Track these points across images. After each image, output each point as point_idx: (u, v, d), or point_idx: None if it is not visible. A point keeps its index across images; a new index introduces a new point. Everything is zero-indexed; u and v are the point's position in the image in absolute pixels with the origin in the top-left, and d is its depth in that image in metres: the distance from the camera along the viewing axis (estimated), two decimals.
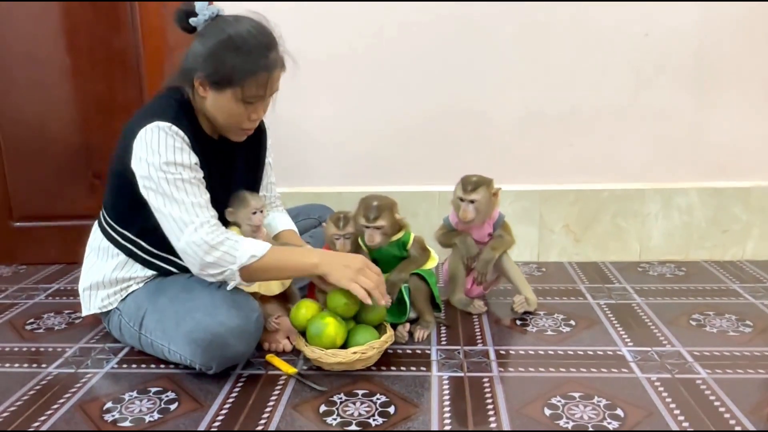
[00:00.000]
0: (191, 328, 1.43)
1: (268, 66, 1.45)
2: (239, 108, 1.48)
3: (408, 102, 2.24)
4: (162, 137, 1.44)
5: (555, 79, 2.20)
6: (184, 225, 1.43)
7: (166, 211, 1.44)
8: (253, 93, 1.46)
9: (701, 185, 2.24)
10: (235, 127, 1.53)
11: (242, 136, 1.58)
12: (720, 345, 1.60)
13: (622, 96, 2.20)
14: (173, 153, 1.44)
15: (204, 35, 1.46)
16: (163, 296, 1.53)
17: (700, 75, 2.17)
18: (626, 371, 1.47)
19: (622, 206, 2.26)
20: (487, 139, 2.26)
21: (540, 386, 1.41)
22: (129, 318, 1.57)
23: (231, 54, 1.43)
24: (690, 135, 2.22)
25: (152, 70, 2.21)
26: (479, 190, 1.75)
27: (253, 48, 1.43)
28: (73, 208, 2.34)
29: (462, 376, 1.47)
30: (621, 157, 2.26)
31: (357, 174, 2.32)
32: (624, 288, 2.02)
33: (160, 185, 1.43)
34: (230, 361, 1.47)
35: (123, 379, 1.50)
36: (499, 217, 1.83)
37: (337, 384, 1.45)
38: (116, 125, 2.23)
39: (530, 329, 1.73)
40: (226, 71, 1.43)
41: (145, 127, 1.44)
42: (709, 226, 2.26)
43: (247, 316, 1.47)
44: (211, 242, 1.42)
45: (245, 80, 1.44)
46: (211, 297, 1.47)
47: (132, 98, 2.25)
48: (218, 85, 1.46)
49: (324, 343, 1.48)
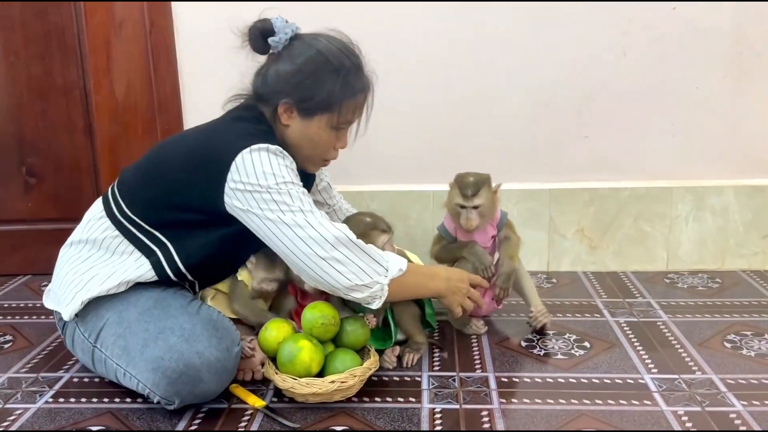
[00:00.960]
0: (161, 354, 1.42)
1: (364, 88, 1.57)
2: (328, 135, 1.58)
3: (398, 90, 2.23)
4: (274, 159, 1.48)
5: (567, 62, 2.20)
6: (327, 226, 1.46)
7: (301, 221, 1.45)
8: (348, 118, 1.58)
9: (738, 183, 2.25)
10: (318, 157, 1.63)
11: (319, 168, 1.71)
12: (759, 372, 1.60)
13: (646, 80, 2.20)
14: (289, 173, 1.49)
15: (289, 56, 1.53)
16: (131, 307, 1.51)
17: (736, 55, 2.18)
18: (649, 403, 1.47)
19: (645, 207, 2.26)
20: (488, 131, 2.26)
21: (548, 421, 1.41)
22: (85, 327, 1.55)
23: (328, 76, 1.51)
24: (726, 124, 2.23)
25: (96, 48, 2.20)
26: (481, 193, 1.74)
27: (352, 68, 1.53)
28: (3, 211, 2.34)
29: (457, 409, 1.46)
30: (644, 151, 2.26)
31: (339, 172, 2.30)
32: (648, 303, 2.02)
33: (285, 201, 1.45)
34: (197, 398, 1.46)
35: (59, 416, 1.48)
36: (502, 215, 1.84)
37: (312, 419, 1.44)
38: (54, 113, 2.26)
39: (537, 352, 1.73)
40: (322, 95, 1.51)
41: (248, 148, 1.47)
42: (747, 230, 2.27)
43: (228, 349, 1.46)
44: (360, 246, 1.48)
45: (343, 104, 1.53)
46: (190, 318, 1.47)
47: (72, 81, 2.24)
48: (310, 111, 1.54)
49: (297, 371, 1.48)
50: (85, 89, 2.25)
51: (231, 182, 1.47)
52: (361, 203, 2.28)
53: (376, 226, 1.67)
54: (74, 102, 2.26)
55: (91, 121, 2.27)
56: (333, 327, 1.56)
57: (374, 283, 1.49)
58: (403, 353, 1.69)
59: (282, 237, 1.46)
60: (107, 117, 2.25)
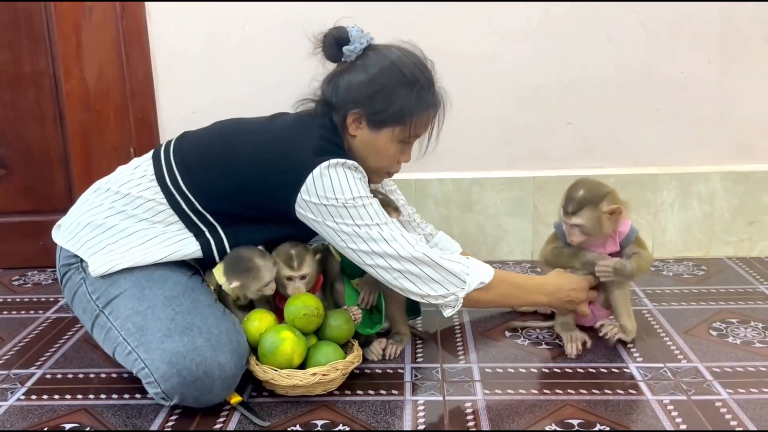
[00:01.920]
0: (184, 351, 1.41)
1: (436, 103, 1.59)
2: (394, 149, 1.59)
3: None
4: (350, 175, 1.51)
5: (551, 47, 2.20)
6: (403, 242, 1.50)
7: (375, 235, 1.49)
8: (418, 132, 1.59)
9: (725, 169, 2.27)
10: (382, 170, 1.64)
11: (381, 180, 1.73)
12: (744, 359, 1.62)
13: (631, 65, 2.21)
14: (365, 189, 1.53)
15: (363, 66, 1.54)
16: (157, 288, 1.50)
17: (723, 39, 2.19)
18: (634, 393, 1.48)
19: (631, 194, 2.26)
20: (471, 118, 2.25)
21: (532, 411, 1.42)
22: (94, 288, 1.54)
23: (401, 89, 1.52)
24: (712, 110, 2.24)
25: (65, 34, 2.17)
26: (582, 214, 1.63)
27: (425, 83, 1.55)
28: None
29: (440, 400, 1.47)
30: (630, 137, 2.27)
31: None
32: (633, 291, 2.03)
33: (358, 213, 1.49)
34: (198, 404, 1.45)
35: (32, 414, 1.47)
36: (631, 232, 1.69)
37: (292, 413, 1.44)
38: (23, 102, 2.23)
39: (521, 342, 1.74)
40: (395, 108, 1.53)
41: (326, 163, 1.48)
42: (734, 217, 2.29)
43: (242, 366, 1.48)
44: (437, 261, 1.51)
45: (414, 118, 1.55)
46: (217, 323, 1.47)
47: (41, 69, 2.22)
48: (380, 123, 1.55)
49: (278, 362, 1.48)
50: (54, 77, 2.22)
51: (305, 194, 1.49)
52: None
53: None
54: (44, 90, 2.23)
55: (62, 109, 2.24)
56: (316, 318, 1.56)
57: (450, 294, 1.53)
58: (386, 345, 1.69)
59: (357, 249, 1.51)
60: (78, 105, 2.22)
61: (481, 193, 2.29)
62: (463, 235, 2.31)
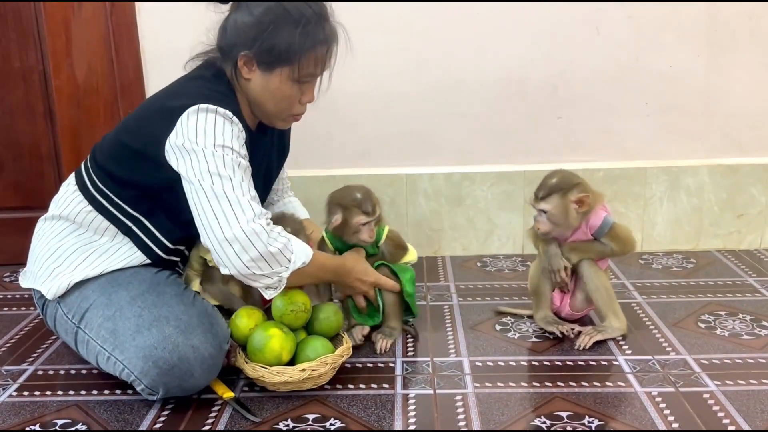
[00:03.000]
0: (154, 342, 1.41)
1: (327, 39, 1.51)
2: (292, 89, 1.53)
3: (373, 75, 2.23)
4: (220, 122, 1.45)
5: (539, 40, 2.21)
6: (241, 211, 1.40)
7: (220, 190, 1.40)
8: (311, 71, 1.52)
9: (713, 162, 2.29)
10: (284, 113, 1.58)
11: (289, 124, 1.66)
12: (732, 351, 1.63)
13: (619, 59, 2.22)
14: (233, 140, 1.46)
15: (248, 5, 1.48)
16: (122, 291, 1.50)
17: (712, 33, 2.20)
18: (623, 385, 1.49)
19: (620, 188, 2.29)
20: (461, 113, 2.26)
21: (522, 404, 1.43)
22: (68, 308, 1.54)
23: (286, 26, 1.46)
24: (700, 103, 2.26)
25: (54, 29, 2.16)
26: (550, 199, 1.65)
27: (312, 18, 1.47)
28: None
29: (431, 394, 1.48)
30: (618, 131, 2.28)
31: (309, 156, 2.30)
32: (623, 284, 2.05)
33: (216, 164, 1.42)
34: (184, 392, 1.46)
35: (24, 410, 1.48)
36: (603, 223, 1.69)
37: (284, 407, 1.45)
38: (12, 97, 2.23)
39: (511, 336, 1.75)
40: (281, 47, 1.46)
41: (196, 106, 1.44)
42: (722, 210, 2.30)
43: (220, 346, 1.47)
44: (270, 234, 1.42)
45: (303, 56, 1.48)
46: (186, 309, 1.47)
47: (30, 65, 2.21)
48: (270, 64, 1.49)
49: (267, 359, 1.48)
50: (44, 73, 2.21)
51: (172, 136, 1.45)
52: (333, 187, 2.26)
53: (359, 205, 1.65)
54: (33, 86, 2.23)
55: (52, 105, 2.23)
56: (304, 314, 1.56)
57: (274, 274, 1.45)
58: (377, 338, 1.70)
59: (197, 203, 1.42)
60: (68, 101, 2.22)
61: (471, 187, 2.29)
62: (454, 229, 2.32)
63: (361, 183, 2.26)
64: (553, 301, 1.78)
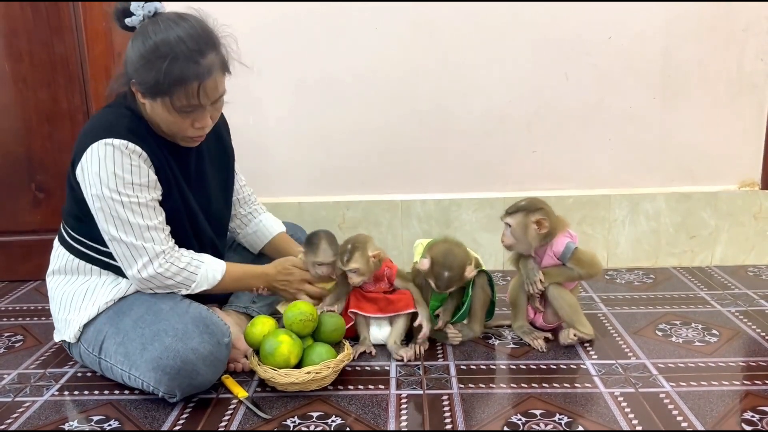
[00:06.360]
0: (158, 354, 1.40)
1: (199, 74, 1.36)
2: (176, 117, 1.42)
3: (367, 109, 2.24)
4: (117, 157, 1.41)
5: (518, 84, 2.22)
6: (138, 255, 1.46)
7: (117, 236, 1.44)
8: (184, 103, 1.39)
9: (669, 190, 2.28)
10: (179, 135, 1.48)
11: (192, 144, 1.53)
12: (685, 356, 1.62)
13: (587, 100, 2.23)
14: (130, 174, 1.43)
15: (135, 38, 1.39)
16: (126, 318, 1.49)
17: (665, 77, 2.21)
18: (589, 386, 1.48)
19: (588, 212, 2.28)
20: (449, 146, 2.27)
21: (501, 403, 1.42)
22: (88, 344, 1.53)
23: (157, 62, 1.35)
24: (657, 139, 2.26)
25: (97, 75, 2.17)
26: (515, 216, 1.66)
27: (180, 55, 1.34)
28: (15, 223, 2.30)
29: (421, 394, 1.47)
30: (586, 163, 2.28)
31: (317, 183, 2.31)
32: (590, 297, 2.04)
33: (114, 209, 1.43)
34: (196, 389, 1.45)
35: (64, 408, 1.47)
36: (566, 249, 1.66)
37: (291, 405, 1.44)
38: (60, 134, 2.23)
39: (492, 342, 1.74)
40: (150, 81, 1.37)
41: (97, 143, 1.41)
42: (677, 231, 2.29)
43: (219, 342, 1.45)
44: (165, 274, 1.48)
45: (173, 90, 1.37)
46: (181, 319, 1.44)
47: (76, 106, 2.21)
48: (151, 95, 1.40)
49: (277, 362, 1.47)
50: (87, 113, 2.22)
51: (78, 173, 1.45)
52: (338, 212, 2.28)
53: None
54: (78, 125, 2.22)
55: None
56: (311, 323, 1.56)
57: (178, 290, 1.53)
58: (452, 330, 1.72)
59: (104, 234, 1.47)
60: None
61: (458, 211, 2.29)
62: None
63: (361, 208, 2.26)
64: (528, 312, 1.77)
